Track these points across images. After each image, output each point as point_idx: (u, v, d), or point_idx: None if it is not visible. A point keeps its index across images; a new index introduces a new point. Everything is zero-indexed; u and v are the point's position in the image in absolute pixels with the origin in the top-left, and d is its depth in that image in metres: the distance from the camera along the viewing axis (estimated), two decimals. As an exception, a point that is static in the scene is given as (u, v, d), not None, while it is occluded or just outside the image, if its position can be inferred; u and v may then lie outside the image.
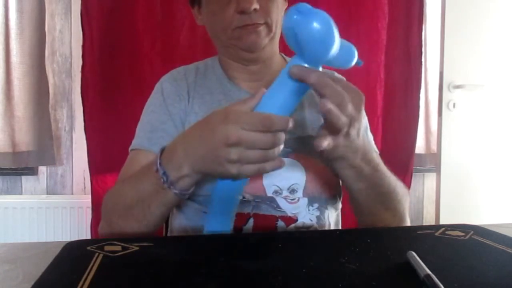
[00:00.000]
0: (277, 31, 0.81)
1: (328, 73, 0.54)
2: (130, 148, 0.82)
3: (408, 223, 0.76)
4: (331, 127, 0.55)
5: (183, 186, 0.60)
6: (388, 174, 0.68)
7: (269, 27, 0.78)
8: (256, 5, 0.74)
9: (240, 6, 0.74)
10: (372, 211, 0.70)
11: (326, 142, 0.55)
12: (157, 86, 0.87)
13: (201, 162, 0.57)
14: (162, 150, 0.62)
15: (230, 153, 0.53)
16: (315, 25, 0.50)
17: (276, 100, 0.55)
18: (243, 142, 0.52)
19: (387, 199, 0.69)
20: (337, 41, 0.52)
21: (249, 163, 0.54)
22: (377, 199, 0.68)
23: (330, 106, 0.52)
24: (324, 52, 0.52)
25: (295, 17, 0.51)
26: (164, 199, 0.62)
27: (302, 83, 0.54)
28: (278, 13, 0.79)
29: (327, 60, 0.55)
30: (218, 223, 0.66)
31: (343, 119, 0.53)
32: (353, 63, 0.59)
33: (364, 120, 0.88)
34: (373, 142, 0.87)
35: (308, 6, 0.52)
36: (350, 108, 0.54)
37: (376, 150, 0.86)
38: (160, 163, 0.59)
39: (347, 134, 0.57)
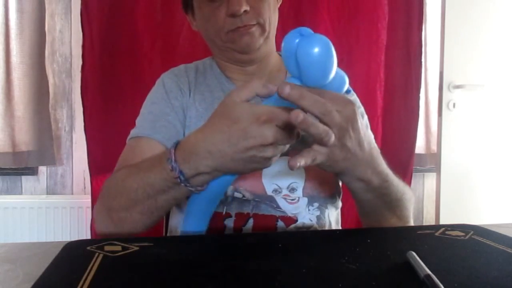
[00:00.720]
0: (271, 31, 0.81)
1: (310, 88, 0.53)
2: (129, 138, 0.80)
3: (411, 224, 0.76)
4: (316, 140, 0.53)
5: (199, 183, 0.59)
6: (396, 182, 0.67)
7: (262, 27, 0.78)
8: (246, 7, 0.74)
9: (230, 9, 0.74)
10: (378, 217, 0.70)
11: (302, 161, 0.52)
12: (158, 81, 0.87)
13: (230, 162, 0.55)
14: (175, 147, 0.59)
15: (266, 152, 0.53)
16: (317, 49, 0.50)
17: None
18: (279, 141, 0.52)
19: (394, 206, 0.69)
20: (335, 67, 0.52)
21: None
22: (385, 206, 0.68)
23: (303, 116, 0.48)
24: (322, 77, 0.52)
25: (297, 40, 0.51)
26: (176, 194, 0.61)
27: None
28: (271, 12, 0.79)
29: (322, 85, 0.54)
30: (197, 223, 0.65)
31: (323, 129, 0.51)
32: (343, 90, 0.58)
33: (365, 118, 0.88)
34: (373, 140, 0.87)
35: (310, 30, 0.52)
36: (336, 117, 0.52)
37: (377, 148, 0.86)
38: (175, 160, 0.57)
39: (343, 146, 0.55)
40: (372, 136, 0.88)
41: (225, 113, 0.55)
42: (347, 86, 0.57)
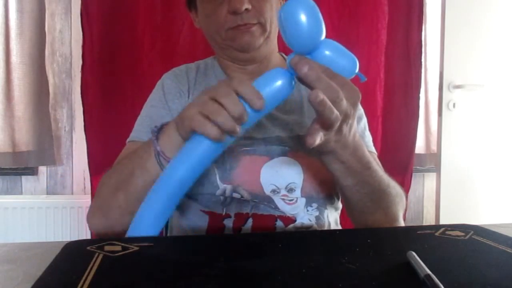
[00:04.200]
0: (273, 31, 0.81)
1: (325, 67, 0.53)
2: (127, 140, 0.83)
3: (401, 224, 0.75)
4: (322, 122, 0.53)
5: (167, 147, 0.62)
6: (380, 173, 0.67)
7: (263, 26, 0.78)
8: (247, 5, 0.74)
9: (231, 7, 0.74)
10: (362, 209, 0.70)
11: (318, 139, 0.53)
12: (159, 82, 0.87)
13: (182, 120, 0.57)
14: (158, 132, 0.64)
15: (208, 105, 0.53)
16: (295, 6, 0.50)
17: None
18: (226, 97, 0.52)
19: (377, 198, 0.68)
20: (321, 25, 0.52)
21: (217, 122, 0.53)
22: (367, 197, 0.67)
23: (323, 97, 0.49)
24: (307, 36, 0.51)
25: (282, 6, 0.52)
26: (147, 164, 0.64)
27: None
28: (272, 13, 0.79)
29: (322, 54, 0.54)
30: (151, 224, 0.60)
31: (336, 114, 0.51)
32: (353, 74, 0.58)
33: (363, 120, 0.88)
34: (371, 143, 0.87)
35: None
36: (344, 104, 0.52)
37: (374, 151, 0.86)
38: (156, 138, 0.63)
39: (339, 130, 0.55)
40: (371, 138, 0.88)
41: None
42: (357, 69, 0.57)
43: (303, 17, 0.50)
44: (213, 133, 0.53)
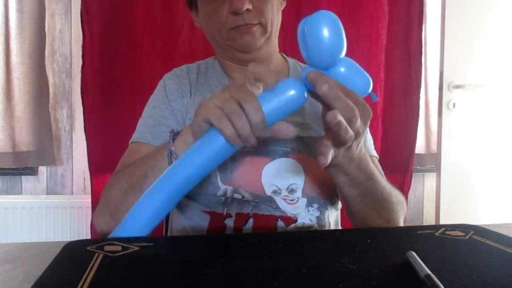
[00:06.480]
0: (274, 32, 0.81)
1: (341, 85, 0.52)
2: (130, 141, 0.81)
3: None
4: (335, 140, 0.53)
5: None
6: (383, 183, 0.68)
7: (263, 27, 0.78)
8: (248, 5, 0.74)
9: (232, 7, 0.75)
10: (364, 217, 0.70)
11: (330, 157, 0.53)
12: (160, 83, 0.87)
13: (199, 108, 0.55)
14: (175, 136, 0.65)
15: (229, 103, 0.51)
16: (320, 21, 0.50)
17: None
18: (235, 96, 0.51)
19: (380, 207, 0.69)
20: (343, 42, 0.51)
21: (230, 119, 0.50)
22: (369, 206, 0.68)
23: (341, 119, 0.49)
24: (330, 52, 0.51)
25: (304, 18, 0.51)
26: (160, 165, 0.63)
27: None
28: (273, 13, 0.79)
29: (338, 71, 0.53)
30: (145, 224, 0.56)
31: (351, 134, 0.51)
32: (367, 93, 0.57)
33: None
34: (372, 146, 0.87)
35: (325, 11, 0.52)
36: (358, 123, 0.52)
37: (376, 154, 0.86)
38: (173, 141, 0.63)
39: (349, 146, 0.56)
40: (372, 141, 0.88)
41: None
42: (370, 89, 0.57)
43: (326, 33, 0.49)
44: (229, 131, 0.50)
